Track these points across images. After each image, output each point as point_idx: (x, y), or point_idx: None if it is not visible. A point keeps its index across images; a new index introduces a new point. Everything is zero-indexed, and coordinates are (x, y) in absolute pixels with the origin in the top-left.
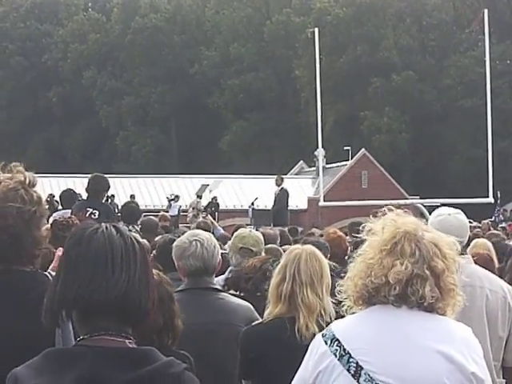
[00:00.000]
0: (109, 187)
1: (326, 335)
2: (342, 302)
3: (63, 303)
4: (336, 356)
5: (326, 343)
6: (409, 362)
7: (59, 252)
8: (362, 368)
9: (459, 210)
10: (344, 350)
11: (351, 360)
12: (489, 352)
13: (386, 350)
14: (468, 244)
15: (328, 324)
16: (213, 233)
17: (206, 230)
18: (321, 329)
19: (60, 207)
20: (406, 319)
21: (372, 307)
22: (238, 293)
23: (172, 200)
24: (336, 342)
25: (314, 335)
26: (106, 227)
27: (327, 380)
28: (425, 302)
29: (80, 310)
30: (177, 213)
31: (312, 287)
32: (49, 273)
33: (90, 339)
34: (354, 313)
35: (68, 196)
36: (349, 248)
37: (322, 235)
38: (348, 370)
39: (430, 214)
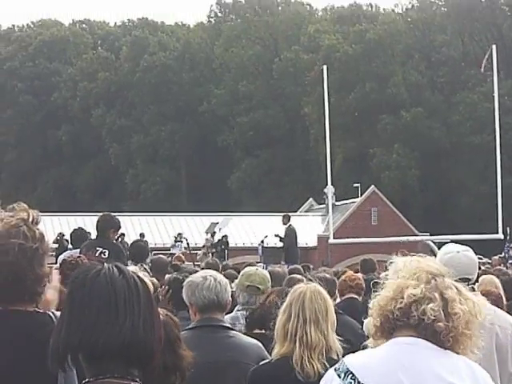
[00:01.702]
0: (119, 226)
1: (340, 369)
2: (347, 339)
3: (68, 347)
4: None
5: (340, 376)
6: None
7: (55, 275)
8: None
9: (468, 248)
10: (358, 382)
11: None
12: None
13: (401, 383)
14: (477, 281)
15: (334, 361)
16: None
17: (215, 269)
18: (325, 367)
19: (70, 246)
20: (419, 355)
21: (387, 342)
22: (263, 331)
23: (177, 240)
24: (350, 376)
25: (319, 373)
26: (109, 268)
27: None
28: (425, 318)
29: (85, 354)
30: (180, 251)
31: (316, 325)
32: (52, 312)
33: (95, 382)
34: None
35: (78, 235)
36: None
37: (337, 273)
38: None
39: (439, 250)
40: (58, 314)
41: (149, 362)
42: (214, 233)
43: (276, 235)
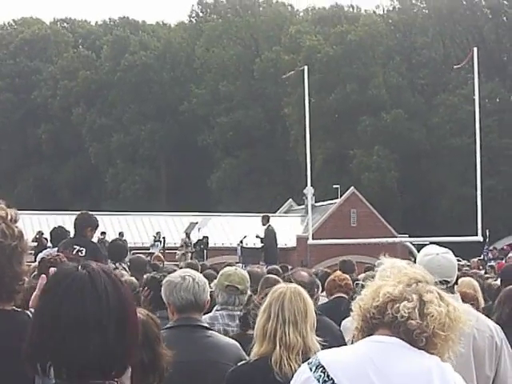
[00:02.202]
0: (97, 225)
1: (312, 362)
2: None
3: (38, 358)
4: (319, 381)
5: (311, 370)
6: None
7: (42, 280)
8: None
9: (447, 250)
10: (328, 376)
11: None
12: None
13: (370, 380)
14: (456, 283)
15: None
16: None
17: (195, 270)
18: None
19: (49, 244)
20: (390, 352)
21: (363, 339)
22: None
23: (156, 240)
24: (321, 369)
25: None
26: (81, 279)
27: None
28: (399, 315)
29: (54, 366)
30: (159, 251)
31: (295, 326)
32: (31, 311)
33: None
34: None
35: (58, 233)
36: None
37: (317, 274)
38: None
39: (418, 252)
40: None
41: (121, 373)
42: (189, 233)
43: (257, 236)
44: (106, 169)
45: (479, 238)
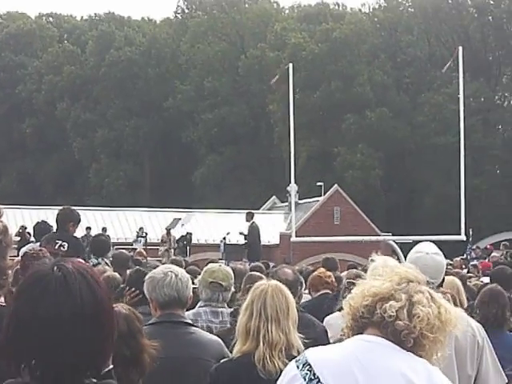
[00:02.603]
0: (79, 220)
1: (299, 360)
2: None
3: (13, 358)
4: (305, 379)
5: (298, 367)
6: None
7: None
8: None
9: (438, 251)
10: (314, 374)
11: None
12: None
13: (355, 379)
14: (441, 285)
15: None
16: None
17: (179, 266)
18: (286, 364)
19: (32, 239)
20: (377, 352)
21: (350, 338)
22: None
23: (139, 235)
24: (307, 367)
25: (280, 370)
26: (55, 283)
27: None
28: (386, 315)
29: (32, 371)
30: (142, 246)
31: (278, 323)
32: None
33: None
34: None
35: (41, 228)
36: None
37: (301, 271)
38: None
39: (401, 251)
40: None
41: (97, 373)
42: (170, 229)
43: (240, 233)
44: (90, 164)
45: (462, 237)
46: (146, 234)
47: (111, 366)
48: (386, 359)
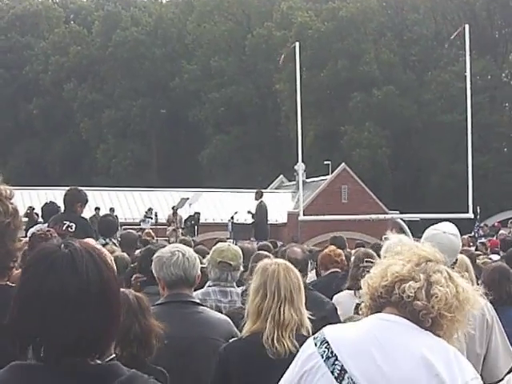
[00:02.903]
0: (86, 200)
1: (317, 338)
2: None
3: (19, 337)
4: (323, 357)
5: (316, 345)
6: (393, 371)
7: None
8: (345, 371)
9: (456, 231)
10: (331, 352)
11: (336, 362)
12: None
13: (373, 357)
14: (454, 265)
15: (305, 337)
16: None
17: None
18: (295, 344)
19: (40, 220)
20: (394, 330)
21: (368, 317)
22: None
23: (147, 216)
24: (325, 344)
25: (289, 351)
26: (62, 259)
27: (311, 380)
28: (404, 295)
29: (34, 348)
30: (150, 227)
31: (291, 303)
32: None
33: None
34: None
35: (49, 209)
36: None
37: (310, 251)
38: (332, 372)
39: (409, 228)
40: None
41: (102, 353)
42: (176, 209)
43: (248, 212)
44: (97, 144)
45: (470, 214)
46: (156, 214)
47: (113, 355)
48: (403, 338)
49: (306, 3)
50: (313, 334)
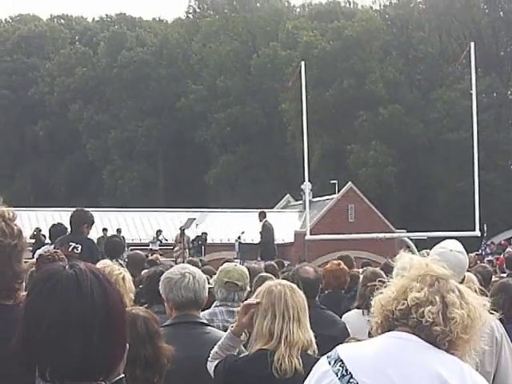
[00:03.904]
0: (93, 221)
1: (331, 356)
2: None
3: (24, 359)
4: (337, 375)
5: (330, 363)
6: None
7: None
8: None
9: (463, 250)
10: (346, 370)
11: (352, 380)
12: None
13: (388, 376)
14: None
15: (310, 356)
16: None
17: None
18: (301, 363)
19: (48, 241)
20: (410, 349)
21: (382, 335)
22: None
23: (157, 238)
24: (339, 363)
25: (295, 370)
26: (67, 279)
27: None
28: (423, 320)
29: (41, 370)
30: (157, 247)
31: (299, 322)
32: None
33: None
34: None
35: (57, 230)
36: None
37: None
38: None
39: (416, 247)
40: None
41: (110, 373)
42: (184, 229)
43: (260, 232)
44: (104, 165)
45: (477, 232)
46: (166, 239)
47: (122, 375)
48: (419, 356)
49: (312, 22)
50: (321, 353)
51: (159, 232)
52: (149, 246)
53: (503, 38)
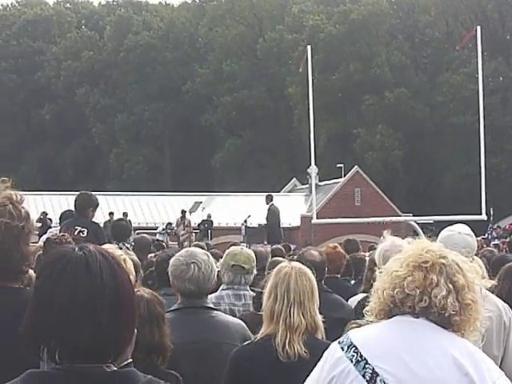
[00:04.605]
0: (97, 204)
1: (343, 342)
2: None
3: (33, 340)
4: (352, 361)
5: (343, 349)
6: (424, 372)
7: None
8: (377, 374)
9: (471, 232)
10: (361, 356)
11: (367, 366)
12: None
13: (402, 360)
14: None
15: (319, 341)
16: None
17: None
18: (305, 348)
19: (53, 224)
20: (421, 332)
21: (391, 319)
22: None
23: (166, 229)
24: (353, 349)
25: (299, 354)
26: (76, 261)
27: None
28: (446, 312)
29: (48, 350)
30: (164, 240)
31: (301, 306)
32: None
33: (68, 365)
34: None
35: (67, 215)
36: (344, 265)
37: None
38: (363, 376)
39: (423, 230)
40: None
41: (116, 358)
42: (185, 212)
43: (266, 216)
44: (110, 149)
45: (483, 216)
46: (174, 230)
47: (130, 360)
48: (430, 338)
49: (318, 6)
50: (329, 335)
51: (169, 225)
52: (156, 235)
53: (509, 21)
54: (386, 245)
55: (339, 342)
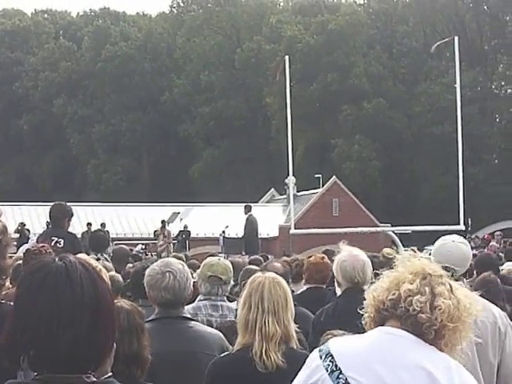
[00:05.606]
0: (72, 214)
1: (322, 350)
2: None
3: (13, 350)
4: (327, 371)
5: (321, 358)
6: None
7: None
8: None
9: (465, 241)
10: (335, 365)
11: (341, 376)
12: (480, 380)
13: (376, 372)
14: (466, 274)
15: (294, 351)
16: None
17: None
18: (282, 357)
19: (31, 236)
20: (399, 344)
21: (373, 329)
22: None
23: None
24: (330, 358)
25: (276, 364)
26: (56, 272)
27: None
28: (411, 309)
29: (28, 361)
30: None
31: (275, 315)
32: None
33: (48, 376)
34: None
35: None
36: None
37: (294, 260)
38: None
39: (401, 241)
40: None
41: (96, 368)
42: (164, 223)
43: (244, 226)
44: (88, 160)
45: (461, 226)
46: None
47: (110, 373)
48: (407, 352)
49: (295, 17)
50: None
51: (147, 246)
52: (132, 251)
53: (487, 32)
54: (344, 255)
55: (319, 350)
